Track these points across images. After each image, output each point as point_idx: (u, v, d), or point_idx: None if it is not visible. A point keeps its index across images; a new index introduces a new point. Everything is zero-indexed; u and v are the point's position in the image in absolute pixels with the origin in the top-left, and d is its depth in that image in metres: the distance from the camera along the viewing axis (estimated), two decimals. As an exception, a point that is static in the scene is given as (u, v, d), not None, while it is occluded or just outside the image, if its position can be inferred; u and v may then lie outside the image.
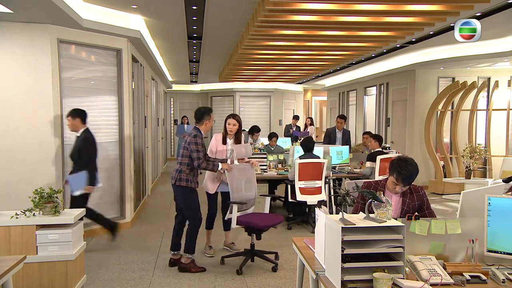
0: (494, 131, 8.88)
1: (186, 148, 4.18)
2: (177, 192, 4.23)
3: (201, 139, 4.16)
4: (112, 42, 5.61)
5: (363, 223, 2.12)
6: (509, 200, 2.21)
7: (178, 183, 4.16)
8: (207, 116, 4.29)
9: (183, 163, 4.18)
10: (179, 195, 4.24)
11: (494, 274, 2.11)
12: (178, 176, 4.16)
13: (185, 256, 4.24)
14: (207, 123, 4.30)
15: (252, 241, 4.39)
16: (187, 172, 4.17)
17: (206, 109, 4.35)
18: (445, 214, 6.77)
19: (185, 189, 4.17)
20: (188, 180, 4.17)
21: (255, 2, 4.97)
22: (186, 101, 15.80)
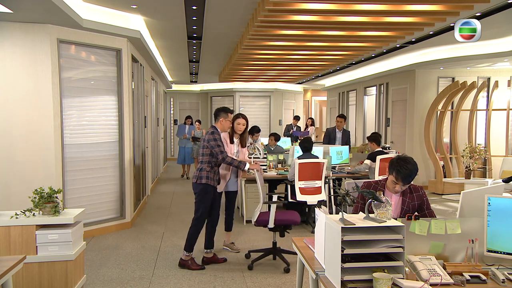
0: (494, 131, 8.88)
1: (205, 146, 4.25)
2: (196, 189, 4.28)
3: (218, 135, 4.24)
4: (112, 42, 5.61)
5: (363, 223, 2.12)
6: (509, 200, 2.21)
7: (199, 181, 4.23)
8: (223, 114, 4.35)
9: (204, 161, 4.27)
10: (196, 192, 4.29)
11: (494, 274, 2.11)
12: (199, 174, 4.24)
13: (184, 253, 4.31)
14: (222, 121, 4.35)
15: (275, 239, 4.46)
16: (208, 170, 4.25)
17: (222, 108, 4.43)
18: (445, 214, 6.77)
19: (204, 186, 4.23)
20: (208, 177, 4.23)
21: (255, 2, 4.97)
22: (186, 101, 15.80)
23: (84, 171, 5.40)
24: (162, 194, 8.79)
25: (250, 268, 4.28)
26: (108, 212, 5.76)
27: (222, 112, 4.35)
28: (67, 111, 5.16)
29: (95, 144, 5.55)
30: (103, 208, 5.69)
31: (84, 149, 5.41)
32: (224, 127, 4.36)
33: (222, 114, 4.34)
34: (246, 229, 5.80)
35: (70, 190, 5.21)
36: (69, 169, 5.19)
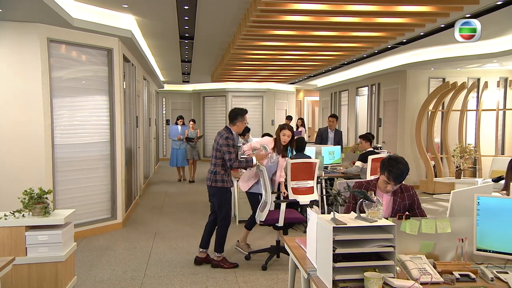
0: (484, 131, 8.98)
1: (218, 150, 4.25)
2: (213, 192, 4.32)
3: (232, 140, 4.25)
4: (103, 41, 5.57)
5: (354, 223, 2.12)
6: (497, 199, 2.23)
7: (214, 184, 4.25)
8: (240, 118, 4.36)
9: (217, 164, 4.27)
10: (215, 196, 4.33)
11: (483, 272, 2.14)
12: (214, 178, 4.26)
13: (215, 255, 4.33)
14: (240, 124, 4.37)
15: (278, 237, 4.47)
16: (222, 173, 4.27)
17: (240, 111, 4.41)
18: (436, 213, 6.83)
19: (221, 189, 4.27)
20: (224, 180, 4.27)
21: (247, 2, 4.97)
22: (178, 101, 15.74)
23: (75, 171, 5.35)
24: (154, 194, 8.75)
25: (264, 268, 4.28)
26: (99, 213, 5.72)
27: (240, 116, 4.35)
28: (57, 111, 5.11)
29: (87, 144, 5.51)
30: (94, 209, 5.65)
31: (75, 149, 5.37)
32: (240, 129, 4.41)
33: (240, 118, 4.35)
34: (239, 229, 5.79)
35: (61, 190, 5.16)
36: (60, 170, 5.14)
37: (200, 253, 4.44)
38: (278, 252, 4.53)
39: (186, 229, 5.92)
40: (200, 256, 4.43)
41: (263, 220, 4.33)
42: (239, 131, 4.43)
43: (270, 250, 4.63)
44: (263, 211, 4.32)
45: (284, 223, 4.33)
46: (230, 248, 4.88)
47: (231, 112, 4.43)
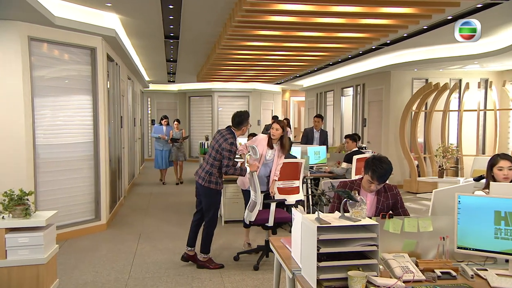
0: (466, 131, 9.16)
1: (219, 151, 4.21)
2: (205, 192, 4.28)
3: (236, 147, 4.23)
4: (86, 40, 5.49)
5: (338, 222, 2.14)
6: (477, 198, 2.28)
7: (207, 184, 4.22)
8: (246, 122, 4.33)
9: (214, 165, 4.24)
10: (206, 196, 4.29)
11: (464, 270, 2.18)
12: (208, 178, 4.22)
13: (201, 255, 4.31)
14: (245, 129, 4.36)
15: (267, 237, 4.48)
16: (217, 175, 4.25)
17: (247, 115, 4.37)
18: (419, 212, 6.94)
19: (212, 191, 4.26)
20: (218, 182, 4.27)
21: (232, 2, 4.97)
22: (164, 101, 15.63)
23: (57, 172, 5.26)
24: (139, 195, 8.66)
25: (256, 268, 4.27)
26: (82, 214, 5.64)
27: (246, 121, 4.32)
28: (39, 110, 5.02)
29: (70, 144, 5.43)
30: (77, 210, 5.56)
31: (58, 150, 5.28)
32: (244, 132, 4.40)
33: (245, 122, 4.31)
34: (226, 230, 5.78)
35: (43, 191, 5.07)
36: (42, 171, 5.04)
37: (188, 251, 4.41)
38: (267, 252, 4.53)
39: (172, 229, 5.88)
40: (189, 254, 4.40)
41: (252, 220, 4.33)
42: (243, 135, 4.42)
43: (257, 250, 4.63)
44: (252, 211, 4.32)
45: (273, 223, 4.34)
46: (216, 248, 4.87)
47: (237, 115, 4.33)
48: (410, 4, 4.70)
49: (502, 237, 2.16)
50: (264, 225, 4.39)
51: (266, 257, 4.51)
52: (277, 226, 4.54)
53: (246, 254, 4.66)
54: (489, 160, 3.06)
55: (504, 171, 2.93)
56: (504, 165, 2.94)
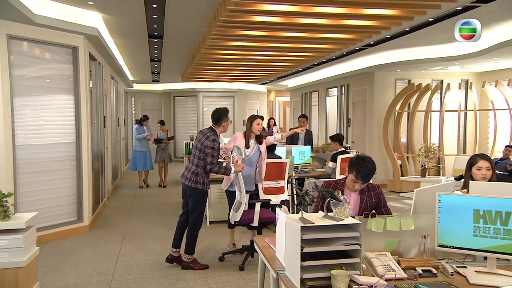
0: (447, 131, 9.33)
1: (202, 150, 4.19)
2: (191, 193, 4.25)
3: (218, 144, 4.21)
4: (67, 39, 5.40)
5: (322, 222, 2.15)
6: (457, 197, 2.32)
7: (194, 185, 4.20)
8: (225, 118, 4.32)
9: (200, 165, 4.22)
10: (192, 196, 4.26)
11: (444, 267, 2.22)
12: (195, 179, 4.20)
13: (186, 256, 4.28)
14: (225, 125, 4.34)
15: (252, 237, 4.47)
16: (203, 175, 4.24)
17: (225, 110, 4.37)
18: (402, 211, 7.03)
19: (199, 191, 4.24)
20: (204, 183, 4.25)
21: (217, 2, 4.95)
22: (148, 101, 15.48)
23: (38, 173, 5.16)
24: (123, 196, 8.56)
25: (241, 269, 4.26)
26: (64, 216, 5.54)
27: (225, 116, 4.32)
28: (20, 110, 4.92)
29: (51, 145, 5.33)
30: (59, 212, 5.47)
31: (39, 150, 5.18)
32: (225, 129, 4.38)
33: (224, 117, 4.32)
34: (210, 230, 5.76)
35: (24, 193, 4.96)
36: (22, 172, 4.94)
37: (173, 252, 4.37)
38: (252, 252, 4.53)
39: (156, 230, 5.82)
40: (173, 255, 4.37)
41: (237, 220, 4.33)
42: (224, 131, 4.40)
43: (242, 250, 4.63)
44: (237, 211, 4.31)
45: (258, 223, 4.35)
46: (201, 249, 4.85)
47: (216, 112, 4.34)
48: (392, 6, 4.76)
49: (481, 235, 2.21)
50: (249, 225, 4.39)
51: (251, 257, 4.51)
52: (262, 226, 4.54)
53: (231, 255, 4.65)
54: (468, 159, 3.12)
55: (483, 171, 2.99)
56: (483, 165, 3.00)
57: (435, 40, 6.98)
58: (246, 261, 4.36)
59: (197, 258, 4.39)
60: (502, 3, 4.66)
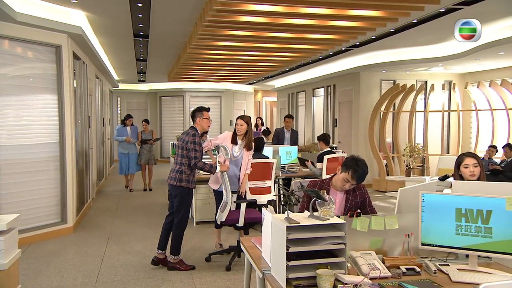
0: (431, 131, 9.47)
1: (185, 148, 4.18)
2: (177, 192, 4.22)
3: (199, 138, 4.21)
4: (50, 38, 5.31)
5: (307, 222, 2.16)
6: (440, 196, 2.36)
7: (179, 183, 4.18)
8: (198, 114, 4.33)
9: (184, 163, 4.20)
10: (178, 195, 4.23)
11: (427, 265, 2.25)
12: (179, 177, 4.18)
13: (171, 257, 4.24)
14: (199, 121, 4.32)
15: (239, 238, 4.46)
16: (188, 173, 4.21)
17: (197, 108, 4.42)
18: (387, 210, 7.11)
19: (184, 189, 4.21)
20: (189, 181, 4.22)
21: (203, 2, 4.93)
22: (134, 101, 15.33)
23: (21, 174, 5.07)
24: (108, 197, 8.46)
25: (228, 269, 4.24)
26: (48, 217, 5.45)
27: (197, 112, 4.34)
28: (2, 110, 4.84)
29: (34, 145, 5.24)
30: (42, 213, 5.37)
31: (22, 151, 5.09)
32: (203, 127, 4.36)
33: (197, 114, 4.33)
34: (197, 231, 5.74)
35: (5, 194, 4.87)
36: (4, 172, 4.84)
37: (158, 254, 4.33)
38: (239, 252, 4.53)
39: (142, 231, 5.77)
40: (158, 257, 4.33)
41: (223, 220, 4.32)
42: (203, 129, 4.39)
43: (229, 250, 4.62)
44: (223, 211, 4.30)
45: (244, 223, 4.34)
46: (187, 250, 4.82)
47: (191, 112, 4.41)
48: (377, 7, 4.81)
49: (463, 233, 2.25)
50: (235, 225, 4.38)
51: (238, 258, 4.51)
52: (249, 226, 4.54)
53: (218, 255, 4.64)
54: (456, 159, 3.16)
55: (470, 168, 3.03)
56: (469, 162, 3.04)
57: (419, 41, 7.09)
58: (232, 262, 4.35)
59: (183, 259, 4.36)
60: (483, 6, 4.75)
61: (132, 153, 8.78)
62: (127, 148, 8.73)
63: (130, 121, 8.86)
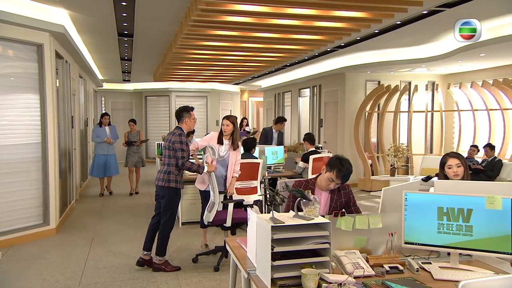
0: (415, 131, 9.61)
1: (171, 148, 4.14)
2: (164, 194, 4.19)
3: (185, 138, 4.19)
4: (32, 36, 5.20)
5: (292, 221, 2.17)
6: (422, 195, 2.39)
7: (167, 184, 4.14)
8: (186, 114, 4.28)
9: (171, 164, 4.17)
10: (165, 196, 4.19)
11: (410, 264, 2.28)
12: (167, 178, 4.15)
13: (157, 258, 4.20)
14: (187, 121, 4.28)
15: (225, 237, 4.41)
16: (176, 173, 4.18)
17: (184, 108, 4.36)
18: (372, 209, 7.19)
19: (172, 190, 4.19)
20: (177, 181, 4.20)
21: (188, 1, 4.91)
22: (119, 101, 15.15)
23: (2, 175, 4.98)
24: (93, 197, 8.34)
25: (216, 269, 4.22)
26: (30, 219, 5.35)
27: (185, 113, 4.30)
28: (-20, 110, 4.72)
29: (16, 145, 5.14)
30: (24, 215, 5.27)
31: (3, 151, 5.00)
32: (190, 126, 4.34)
33: (185, 114, 4.29)
34: (182, 231, 5.70)
35: (-15, 196, 4.76)
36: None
37: (144, 255, 4.29)
38: (226, 252, 4.51)
39: (127, 232, 5.71)
40: (144, 258, 4.29)
41: (211, 220, 4.30)
42: (190, 129, 4.37)
43: (215, 251, 4.59)
44: (210, 211, 4.29)
45: (231, 223, 4.33)
46: (173, 250, 4.79)
47: (176, 111, 4.37)
48: (361, 8, 4.86)
49: (444, 231, 2.28)
50: (222, 225, 4.37)
51: (226, 258, 4.49)
52: (236, 227, 4.53)
53: (204, 256, 4.62)
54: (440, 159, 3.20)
55: (453, 168, 3.07)
56: (452, 163, 3.08)
57: (403, 42, 7.18)
58: (220, 262, 4.34)
59: (169, 260, 4.33)
60: (464, 8, 4.84)
61: (111, 154, 8.19)
62: (107, 150, 8.12)
63: (106, 120, 8.18)
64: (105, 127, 8.17)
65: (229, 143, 4.73)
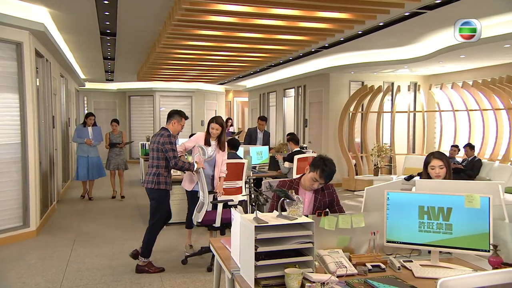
0: (398, 131, 9.75)
1: (160, 149, 4.09)
2: (154, 196, 4.16)
3: (174, 138, 4.17)
4: (10, 34, 5.09)
5: (276, 221, 2.17)
6: (404, 194, 2.42)
7: (157, 186, 4.11)
8: (177, 117, 4.27)
9: (160, 165, 4.13)
10: (155, 199, 4.17)
11: (392, 262, 2.31)
12: (157, 180, 4.12)
13: (141, 259, 4.15)
14: (175, 123, 4.26)
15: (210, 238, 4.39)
16: (166, 175, 4.16)
17: (179, 111, 4.36)
18: (356, 209, 7.26)
19: (161, 191, 4.15)
20: (167, 182, 4.18)
21: (172, 0, 4.87)
22: (102, 101, 14.93)
23: (-21, 176, 4.84)
24: (75, 199, 8.20)
25: (209, 270, 4.18)
26: (8, 221, 5.23)
27: (177, 115, 4.28)
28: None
29: (-6, 146, 5.01)
30: (3, 217, 5.16)
31: (-21, 152, 4.85)
32: (176, 130, 4.30)
33: (176, 116, 4.26)
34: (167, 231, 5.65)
35: (-39, 198, 4.63)
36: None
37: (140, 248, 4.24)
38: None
39: (110, 233, 5.63)
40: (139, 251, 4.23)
41: (200, 221, 4.28)
42: (175, 131, 4.33)
43: (201, 252, 4.55)
44: (200, 211, 4.26)
45: (220, 224, 4.31)
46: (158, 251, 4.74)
47: (171, 111, 4.36)
48: (345, 9, 4.91)
49: (425, 230, 2.32)
50: (211, 225, 4.35)
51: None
52: (225, 227, 4.50)
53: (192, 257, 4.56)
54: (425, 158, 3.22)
55: (436, 169, 3.07)
56: (435, 164, 3.08)
57: (386, 44, 7.28)
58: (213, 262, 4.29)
59: (153, 261, 4.29)
60: (445, 11, 4.94)
61: (92, 156, 7.69)
62: (87, 151, 7.65)
63: (91, 120, 7.73)
64: (88, 127, 7.74)
65: (216, 144, 4.71)
